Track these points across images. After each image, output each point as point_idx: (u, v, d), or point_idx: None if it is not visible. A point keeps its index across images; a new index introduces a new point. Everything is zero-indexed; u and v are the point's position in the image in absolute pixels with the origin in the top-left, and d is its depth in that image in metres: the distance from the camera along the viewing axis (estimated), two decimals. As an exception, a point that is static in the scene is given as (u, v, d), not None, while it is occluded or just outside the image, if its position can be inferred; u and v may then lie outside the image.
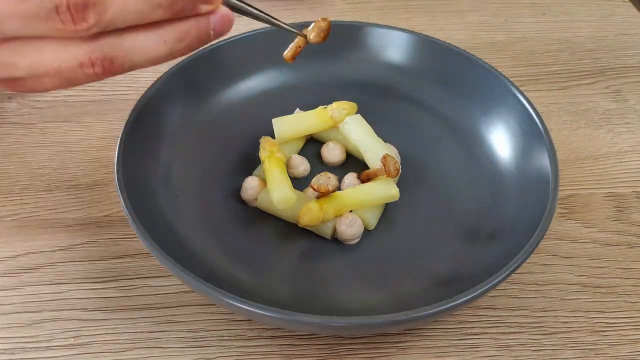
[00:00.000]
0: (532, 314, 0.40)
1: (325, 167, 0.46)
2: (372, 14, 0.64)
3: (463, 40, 0.61)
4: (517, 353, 0.38)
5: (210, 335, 0.38)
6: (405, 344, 0.38)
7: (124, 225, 0.44)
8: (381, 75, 0.51)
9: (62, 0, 0.27)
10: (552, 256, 0.43)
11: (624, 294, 0.41)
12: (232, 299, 0.33)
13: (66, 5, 0.27)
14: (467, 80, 0.48)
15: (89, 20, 0.28)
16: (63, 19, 0.28)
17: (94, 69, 0.30)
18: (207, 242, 0.41)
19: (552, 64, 0.59)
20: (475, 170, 0.46)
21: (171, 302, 0.40)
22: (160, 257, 0.35)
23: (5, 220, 0.44)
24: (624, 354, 0.38)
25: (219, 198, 0.43)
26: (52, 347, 0.37)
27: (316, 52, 0.51)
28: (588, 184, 0.48)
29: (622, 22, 0.64)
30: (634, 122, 0.53)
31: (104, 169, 0.47)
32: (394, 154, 0.45)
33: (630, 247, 0.44)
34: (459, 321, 0.39)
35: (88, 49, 0.29)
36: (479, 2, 0.66)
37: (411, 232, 0.42)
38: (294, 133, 0.46)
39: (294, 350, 0.38)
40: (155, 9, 0.29)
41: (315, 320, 0.33)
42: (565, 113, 0.54)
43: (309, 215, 0.40)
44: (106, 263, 0.42)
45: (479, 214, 0.43)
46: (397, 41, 0.50)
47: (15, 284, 0.40)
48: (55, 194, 0.45)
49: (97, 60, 0.29)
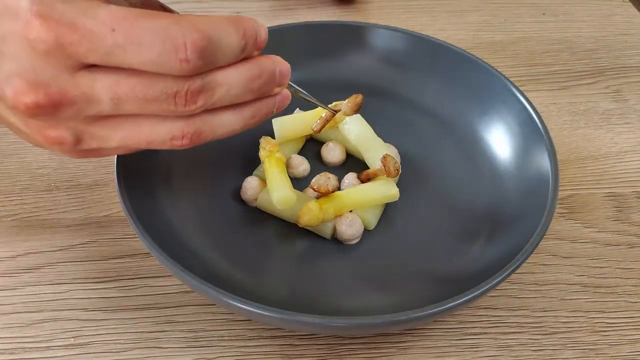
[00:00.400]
0: (532, 314, 0.40)
1: (325, 167, 0.46)
2: (372, 14, 0.64)
3: (463, 40, 0.61)
4: (517, 353, 0.38)
5: (211, 335, 0.38)
6: (405, 344, 0.38)
7: (124, 225, 0.44)
8: (381, 75, 0.51)
9: (184, 86, 0.30)
10: (552, 256, 0.43)
11: (624, 294, 0.41)
12: (232, 299, 0.33)
13: (185, 91, 0.30)
14: (467, 80, 0.48)
15: (198, 103, 0.31)
16: (177, 102, 0.30)
17: (182, 141, 0.32)
18: (207, 242, 0.41)
19: (552, 64, 0.59)
20: (475, 170, 0.46)
21: (171, 302, 0.40)
22: (160, 257, 0.35)
23: (5, 220, 0.44)
24: (624, 354, 0.38)
25: (219, 198, 0.43)
26: (52, 347, 0.37)
27: (316, 52, 0.51)
28: (588, 184, 0.48)
29: (622, 22, 0.64)
30: (634, 122, 0.53)
31: (103, 169, 0.47)
32: (394, 154, 0.45)
33: (630, 247, 0.44)
34: (459, 321, 0.39)
35: (183, 124, 0.32)
36: (479, 2, 0.66)
37: (411, 232, 0.42)
38: (294, 133, 0.46)
39: (294, 350, 0.38)
40: (248, 93, 0.32)
41: (315, 320, 0.33)
42: (565, 113, 0.54)
43: (309, 215, 0.40)
44: (106, 263, 0.42)
45: (479, 214, 0.43)
46: (397, 41, 0.50)
47: (15, 284, 0.40)
48: (55, 194, 0.45)
49: (188, 134, 0.32)
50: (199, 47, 0.29)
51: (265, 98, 0.34)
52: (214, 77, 0.31)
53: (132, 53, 0.28)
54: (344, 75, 0.51)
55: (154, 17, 0.28)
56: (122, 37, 0.28)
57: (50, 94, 0.29)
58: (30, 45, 0.28)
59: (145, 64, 0.29)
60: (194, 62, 0.29)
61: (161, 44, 0.28)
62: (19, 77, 0.29)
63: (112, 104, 0.30)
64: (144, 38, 0.28)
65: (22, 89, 0.29)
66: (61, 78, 0.29)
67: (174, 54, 0.28)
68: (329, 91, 0.49)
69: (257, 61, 0.32)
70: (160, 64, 0.29)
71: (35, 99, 0.29)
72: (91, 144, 0.32)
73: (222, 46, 0.30)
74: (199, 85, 0.30)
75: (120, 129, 0.31)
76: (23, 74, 0.29)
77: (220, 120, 0.33)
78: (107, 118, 0.31)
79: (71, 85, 0.29)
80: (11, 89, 0.29)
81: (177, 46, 0.28)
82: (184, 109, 0.30)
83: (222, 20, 0.30)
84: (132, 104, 0.30)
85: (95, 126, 0.31)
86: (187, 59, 0.28)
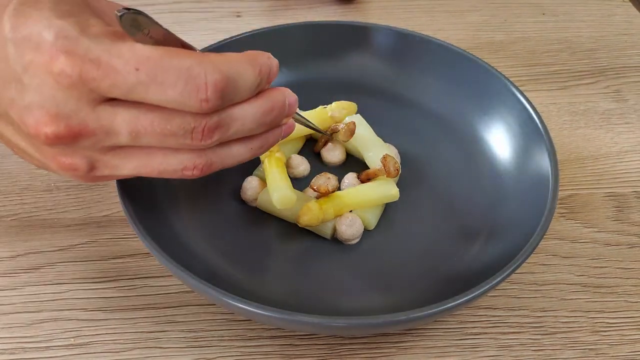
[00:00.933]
0: (532, 314, 0.40)
1: (325, 167, 0.46)
2: (372, 14, 0.64)
3: (463, 40, 0.61)
4: (517, 353, 0.38)
5: (211, 336, 0.38)
6: (405, 344, 0.38)
7: (124, 225, 0.44)
8: (381, 75, 0.51)
9: (202, 123, 0.30)
10: (552, 256, 0.43)
11: (624, 294, 0.41)
12: (232, 299, 0.33)
13: (203, 127, 0.30)
14: (467, 80, 0.48)
15: (214, 138, 0.31)
16: (194, 137, 0.31)
17: (193, 172, 0.32)
18: (207, 242, 0.41)
19: (552, 64, 0.59)
20: (475, 170, 0.46)
21: (171, 302, 0.40)
22: (160, 257, 0.35)
23: (5, 220, 0.44)
24: (624, 354, 0.38)
25: (219, 198, 0.43)
26: (52, 347, 0.37)
27: (316, 52, 0.51)
28: (588, 184, 0.48)
29: (622, 22, 0.64)
30: (634, 122, 0.53)
31: (104, 169, 0.47)
32: (394, 154, 0.45)
33: (630, 247, 0.44)
34: (459, 321, 0.39)
35: (195, 156, 0.32)
36: (479, 2, 0.66)
37: (411, 232, 0.42)
38: (294, 133, 0.45)
39: (294, 350, 0.38)
40: (261, 127, 0.33)
41: (315, 320, 0.33)
42: (565, 113, 0.54)
43: (308, 215, 0.40)
44: (106, 263, 0.42)
45: (478, 214, 0.43)
46: (397, 41, 0.50)
47: (15, 284, 0.40)
48: (55, 194, 0.45)
49: (200, 165, 0.32)
50: (220, 87, 0.29)
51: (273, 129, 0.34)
52: (231, 113, 0.31)
53: (154, 92, 0.29)
54: (344, 75, 0.51)
55: (176, 57, 0.29)
56: (145, 76, 0.28)
57: (71, 125, 0.29)
58: (53, 78, 0.28)
59: (166, 102, 0.29)
60: (213, 102, 0.29)
61: (183, 84, 0.29)
62: (41, 108, 0.29)
63: (131, 137, 0.30)
64: (166, 78, 0.28)
65: (44, 119, 0.29)
66: (83, 111, 0.29)
67: (195, 94, 0.29)
68: (329, 91, 0.49)
69: (269, 95, 0.33)
70: (181, 102, 0.29)
71: (57, 130, 0.29)
72: (104, 171, 0.32)
73: (239, 84, 0.30)
74: (215, 121, 0.30)
75: (134, 159, 0.32)
76: (45, 105, 0.29)
77: (230, 152, 0.33)
78: (122, 148, 0.31)
79: (92, 119, 0.29)
80: (33, 118, 0.29)
81: (199, 86, 0.29)
82: (200, 143, 0.31)
83: (240, 59, 0.31)
84: (150, 138, 0.30)
85: (109, 155, 0.31)
86: (207, 98, 0.29)
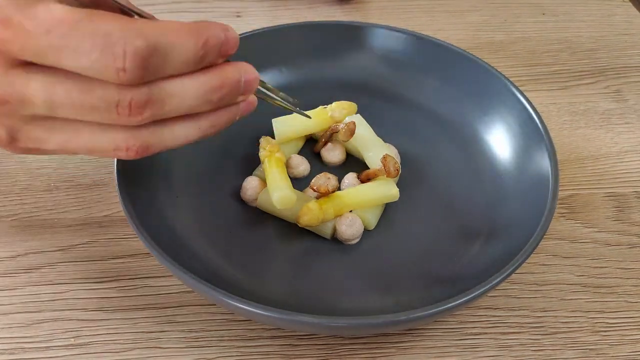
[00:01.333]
0: (532, 314, 0.40)
1: (325, 167, 0.46)
2: (372, 14, 0.64)
3: (463, 40, 0.61)
4: (517, 353, 0.38)
5: (211, 336, 0.38)
6: (405, 344, 0.38)
7: (124, 225, 0.44)
8: (381, 75, 0.51)
9: (126, 98, 0.28)
10: (552, 256, 0.43)
11: (624, 294, 0.41)
12: (232, 299, 0.33)
13: (128, 102, 0.28)
14: (467, 80, 0.48)
15: (144, 114, 0.28)
16: (120, 112, 0.28)
17: (126, 153, 0.30)
18: (207, 242, 0.41)
19: (552, 64, 0.59)
20: (475, 170, 0.46)
21: (171, 302, 0.40)
22: (160, 257, 0.35)
23: (5, 220, 0.44)
24: (625, 354, 0.38)
25: (219, 198, 0.43)
26: (52, 347, 0.37)
27: (316, 52, 0.51)
28: (588, 184, 0.48)
29: (622, 22, 0.64)
30: (634, 122, 0.53)
31: (104, 169, 0.47)
32: (394, 154, 0.45)
33: (630, 247, 0.44)
34: (459, 321, 0.39)
35: (128, 135, 0.30)
36: (479, 2, 0.66)
37: (411, 232, 0.42)
38: (294, 133, 0.46)
39: (294, 350, 0.38)
40: (206, 104, 0.30)
41: (315, 320, 0.33)
42: (565, 113, 0.54)
43: (309, 215, 0.40)
44: (106, 263, 0.42)
45: (478, 214, 0.43)
46: (397, 41, 0.50)
47: (15, 284, 0.40)
48: (55, 194, 0.45)
49: (134, 147, 0.30)
50: (140, 56, 0.26)
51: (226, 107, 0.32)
52: (164, 87, 0.29)
53: (67, 58, 0.26)
54: (344, 75, 0.51)
55: (97, 21, 0.26)
56: (57, 39, 0.26)
57: None
58: None
59: (82, 69, 0.27)
60: (132, 72, 0.27)
61: (98, 50, 0.26)
62: None
63: (46, 106, 0.28)
64: (81, 43, 0.26)
65: None
66: None
67: (111, 62, 0.26)
68: (329, 91, 0.49)
69: (220, 70, 0.30)
70: (97, 71, 0.27)
71: None
72: (27, 143, 0.30)
73: (171, 55, 0.28)
74: (145, 95, 0.28)
75: (59, 133, 0.30)
76: None
77: (172, 132, 0.31)
78: (44, 119, 0.29)
79: (4, 82, 0.28)
80: None
81: (116, 54, 0.26)
82: (128, 119, 0.28)
83: (178, 28, 0.28)
84: (67, 109, 0.28)
85: (31, 126, 0.30)
86: (125, 68, 0.26)
